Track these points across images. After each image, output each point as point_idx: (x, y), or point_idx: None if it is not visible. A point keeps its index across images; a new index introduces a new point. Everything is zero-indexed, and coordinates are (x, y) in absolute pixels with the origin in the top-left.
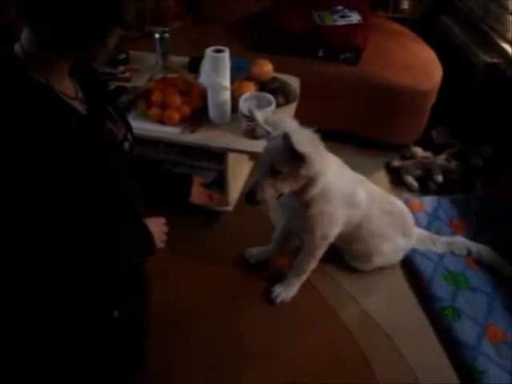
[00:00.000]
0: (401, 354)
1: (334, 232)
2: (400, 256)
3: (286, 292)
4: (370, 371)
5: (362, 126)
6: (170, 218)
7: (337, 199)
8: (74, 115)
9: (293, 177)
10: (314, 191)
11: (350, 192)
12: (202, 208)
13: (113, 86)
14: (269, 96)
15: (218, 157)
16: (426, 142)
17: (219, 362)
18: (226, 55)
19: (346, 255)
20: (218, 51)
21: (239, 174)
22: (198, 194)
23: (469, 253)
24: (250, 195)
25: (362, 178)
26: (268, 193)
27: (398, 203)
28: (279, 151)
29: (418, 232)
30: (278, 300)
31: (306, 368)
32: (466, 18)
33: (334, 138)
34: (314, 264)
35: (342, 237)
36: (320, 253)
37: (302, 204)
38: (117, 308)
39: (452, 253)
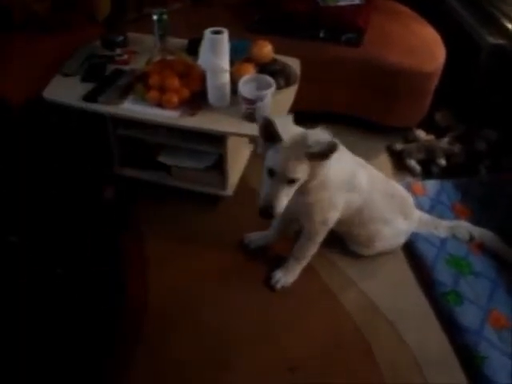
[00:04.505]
0: (402, 339)
1: (333, 217)
2: (402, 240)
3: (286, 277)
4: (370, 357)
5: (364, 109)
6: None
7: (335, 185)
8: None
9: (305, 178)
10: (313, 183)
11: (349, 176)
12: (201, 192)
13: (110, 68)
14: (269, 78)
15: (218, 140)
16: (429, 125)
17: (217, 346)
18: (224, 37)
19: (347, 240)
20: (217, 32)
21: (239, 157)
22: None
23: (471, 237)
24: (267, 210)
25: (361, 161)
26: (284, 203)
27: (398, 186)
28: (296, 159)
29: (419, 216)
30: (278, 285)
31: (305, 353)
32: None
33: (335, 121)
34: (314, 249)
35: (342, 221)
36: (320, 238)
37: (299, 192)
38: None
39: (455, 237)
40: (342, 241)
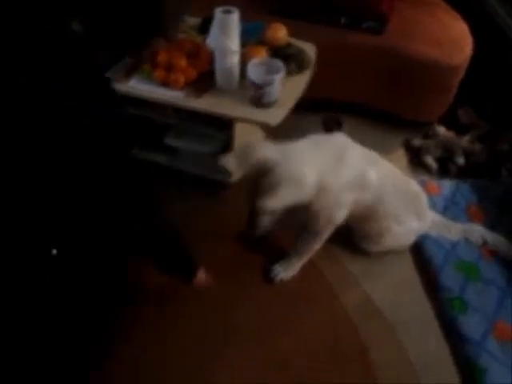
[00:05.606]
0: (401, 344)
1: (340, 215)
2: (411, 239)
3: (285, 272)
4: (367, 362)
5: (383, 100)
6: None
7: (339, 187)
8: None
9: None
10: None
11: (355, 176)
12: (203, 179)
13: None
14: (279, 62)
15: (226, 125)
16: (451, 122)
17: (210, 341)
18: (234, 16)
19: (356, 234)
20: (228, 12)
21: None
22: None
23: (484, 242)
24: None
25: (373, 157)
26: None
27: (413, 184)
28: None
29: (432, 216)
30: (277, 278)
31: (298, 355)
32: None
33: (352, 111)
34: (318, 245)
35: (353, 217)
36: (325, 235)
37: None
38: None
39: (467, 241)
40: (349, 238)
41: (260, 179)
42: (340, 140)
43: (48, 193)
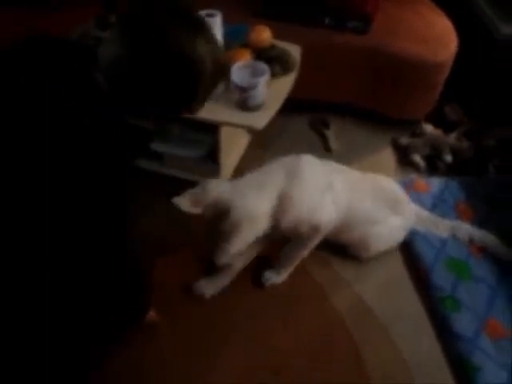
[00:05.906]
0: (394, 345)
1: (323, 220)
2: (399, 236)
3: (276, 277)
4: (359, 362)
5: (370, 99)
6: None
7: (306, 195)
8: None
9: None
10: None
11: (322, 180)
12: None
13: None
14: (263, 65)
15: (212, 129)
16: (438, 119)
17: (201, 342)
18: (217, 20)
19: (344, 245)
20: (211, 15)
21: (234, 147)
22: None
23: (471, 240)
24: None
25: (336, 166)
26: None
27: (387, 182)
28: None
29: (416, 211)
30: (268, 283)
31: (291, 356)
32: None
33: (339, 112)
34: (306, 252)
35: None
36: (313, 244)
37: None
38: None
39: (455, 238)
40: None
41: (218, 223)
42: (293, 158)
43: (47, 198)
